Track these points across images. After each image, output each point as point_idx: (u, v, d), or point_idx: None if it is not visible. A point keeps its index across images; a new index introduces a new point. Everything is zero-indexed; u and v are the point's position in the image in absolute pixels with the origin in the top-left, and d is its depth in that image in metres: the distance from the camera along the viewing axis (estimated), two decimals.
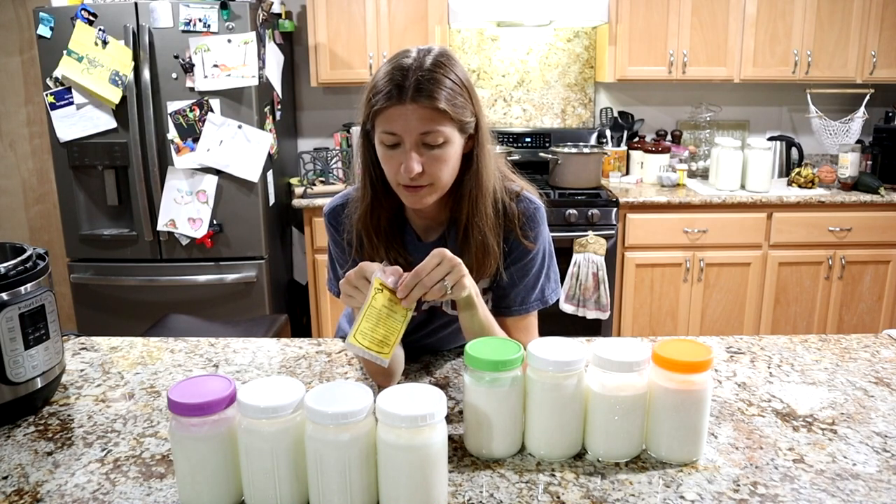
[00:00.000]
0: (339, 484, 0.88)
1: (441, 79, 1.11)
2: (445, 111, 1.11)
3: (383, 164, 1.17)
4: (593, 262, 3.21)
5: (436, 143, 1.12)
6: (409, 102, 1.09)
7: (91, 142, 3.05)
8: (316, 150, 3.58)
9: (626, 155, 3.79)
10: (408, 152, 1.12)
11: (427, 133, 1.11)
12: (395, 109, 1.10)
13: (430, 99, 1.09)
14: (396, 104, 1.10)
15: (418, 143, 1.12)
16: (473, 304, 1.16)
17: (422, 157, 1.12)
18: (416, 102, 1.09)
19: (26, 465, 1.03)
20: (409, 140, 1.11)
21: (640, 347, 1.02)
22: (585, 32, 3.83)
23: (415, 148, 1.12)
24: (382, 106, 1.11)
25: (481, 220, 1.22)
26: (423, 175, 1.14)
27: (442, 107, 1.10)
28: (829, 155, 3.91)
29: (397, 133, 1.11)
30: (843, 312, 3.49)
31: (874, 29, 3.44)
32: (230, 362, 1.43)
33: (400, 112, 1.10)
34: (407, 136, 1.11)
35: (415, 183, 1.15)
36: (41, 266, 1.20)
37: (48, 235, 4.01)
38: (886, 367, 1.36)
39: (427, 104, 1.09)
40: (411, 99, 1.09)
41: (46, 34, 2.96)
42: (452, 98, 1.12)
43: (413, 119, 1.10)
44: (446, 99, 1.11)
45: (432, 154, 1.13)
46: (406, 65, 1.11)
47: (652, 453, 1.04)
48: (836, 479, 0.98)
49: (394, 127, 1.11)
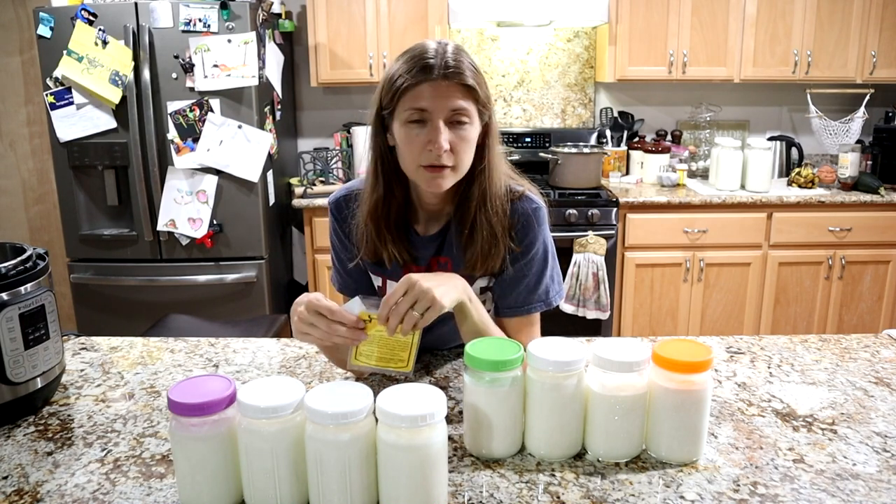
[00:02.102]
0: (339, 484, 0.88)
1: (465, 60, 1.16)
2: (474, 88, 1.14)
3: (405, 145, 1.17)
4: (593, 262, 3.21)
5: (463, 122, 1.15)
6: (440, 78, 1.12)
7: (91, 142, 3.05)
8: (316, 150, 3.58)
9: (626, 155, 3.79)
10: (437, 129, 1.13)
11: (456, 110, 1.14)
12: (426, 85, 1.12)
13: (461, 76, 1.13)
14: (427, 80, 1.12)
15: (448, 120, 1.14)
16: (465, 311, 1.16)
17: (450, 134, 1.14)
18: (447, 78, 1.12)
19: (26, 465, 1.03)
20: (440, 115, 1.13)
21: (640, 347, 1.02)
22: (585, 32, 3.83)
23: (444, 124, 1.14)
24: (411, 83, 1.12)
25: (490, 213, 1.22)
26: (448, 154, 1.15)
27: (471, 83, 1.14)
28: (829, 155, 3.91)
29: (427, 109, 1.13)
30: (843, 312, 3.49)
31: (874, 29, 3.44)
32: (230, 362, 1.43)
33: (431, 87, 1.12)
34: (437, 111, 1.13)
35: (440, 162, 1.15)
36: (41, 266, 1.20)
37: (48, 235, 4.01)
38: (886, 367, 1.36)
39: (458, 80, 1.13)
40: (442, 76, 1.12)
41: (46, 34, 2.96)
42: (478, 79, 1.16)
43: (444, 94, 1.12)
44: (474, 79, 1.15)
45: (458, 133, 1.15)
46: (430, 48, 1.15)
47: (652, 453, 1.04)
48: (836, 479, 0.98)
49: (423, 103, 1.13)
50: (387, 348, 1.10)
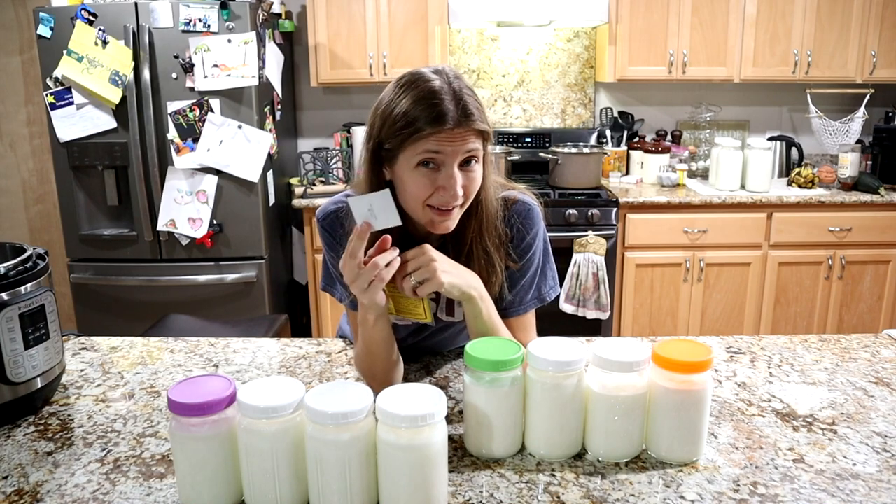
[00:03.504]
0: (339, 484, 0.88)
1: (472, 100, 1.12)
2: (485, 132, 1.13)
3: (412, 186, 1.13)
4: (593, 262, 3.21)
5: (474, 162, 1.13)
6: (455, 127, 1.09)
7: (91, 142, 3.05)
8: (316, 150, 3.58)
9: (626, 155, 3.79)
10: (452, 176, 1.11)
11: (470, 152, 1.12)
12: (444, 135, 1.09)
13: (474, 121, 1.11)
14: (442, 129, 1.08)
15: (460, 163, 1.12)
16: (475, 307, 1.16)
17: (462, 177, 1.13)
18: (461, 126, 1.09)
19: (26, 465, 1.03)
20: (455, 161, 1.11)
21: (640, 347, 1.02)
22: (585, 32, 3.83)
23: (458, 170, 1.12)
24: (426, 132, 1.08)
25: (486, 236, 1.21)
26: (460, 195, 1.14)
27: (484, 127, 1.12)
28: (829, 155, 3.91)
29: (443, 153, 1.10)
30: (843, 312, 3.49)
31: (874, 29, 3.44)
32: (230, 362, 1.43)
33: (447, 137, 1.09)
34: (451, 158, 1.10)
35: (452, 205, 1.13)
36: (41, 266, 1.20)
37: (48, 235, 4.01)
38: (886, 367, 1.36)
39: (473, 126, 1.10)
40: (457, 123, 1.09)
41: (46, 34, 2.96)
42: (483, 116, 1.14)
43: (460, 141, 1.10)
44: (481, 119, 1.12)
45: (468, 175, 1.13)
46: (437, 86, 1.10)
47: (652, 453, 1.04)
48: (836, 479, 0.98)
49: (441, 147, 1.10)
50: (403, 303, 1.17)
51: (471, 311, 1.17)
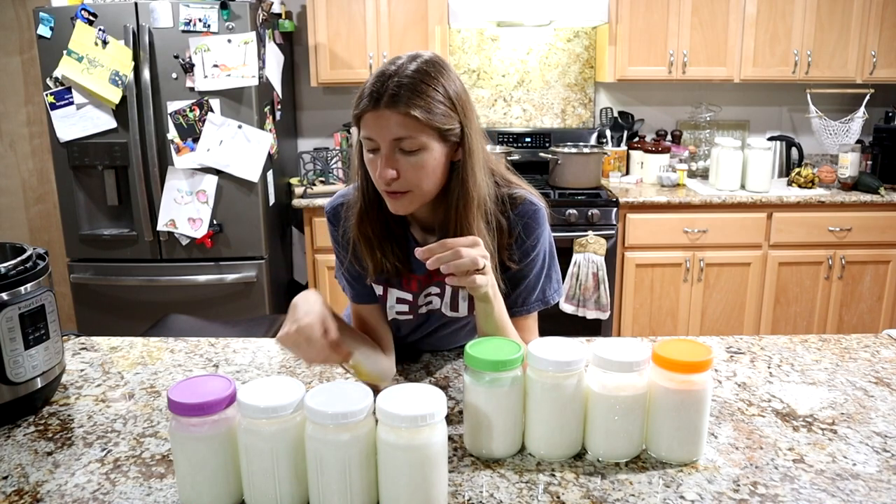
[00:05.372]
0: (339, 484, 0.88)
1: (419, 85, 1.10)
2: (417, 118, 1.10)
3: (368, 168, 1.17)
4: (593, 262, 3.21)
5: (412, 150, 1.12)
6: (383, 108, 1.10)
7: (91, 142, 3.05)
8: (316, 150, 3.58)
9: (626, 155, 3.79)
10: (382, 157, 1.12)
11: (401, 139, 1.11)
12: (371, 114, 1.11)
13: (404, 105, 1.09)
14: (372, 109, 1.10)
15: (394, 149, 1.12)
16: (489, 300, 1.15)
17: (398, 163, 1.12)
18: (389, 108, 1.09)
19: (26, 465, 1.03)
20: (384, 145, 1.12)
21: (640, 347, 1.02)
22: (585, 32, 3.83)
23: (389, 153, 1.12)
24: (361, 111, 1.12)
25: (469, 230, 1.19)
26: (399, 181, 1.13)
27: (414, 114, 1.09)
28: (829, 155, 3.91)
29: (373, 138, 1.12)
30: (843, 312, 3.49)
31: (874, 29, 3.44)
32: (230, 362, 1.43)
33: (375, 117, 1.11)
34: (382, 141, 1.12)
35: (391, 189, 1.14)
36: (41, 266, 1.20)
37: (48, 235, 4.01)
38: (886, 367, 1.36)
39: (400, 110, 1.09)
40: (385, 105, 1.09)
41: (46, 34, 2.96)
42: (429, 105, 1.10)
43: (386, 125, 1.10)
44: (421, 106, 1.10)
45: (409, 161, 1.12)
46: (388, 71, 1.12)
47: (652, 453, 1.04)
48: (836, 479, 0.98)
49: (370, 132, 1.12)
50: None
51: (482, 310, 1.16)
